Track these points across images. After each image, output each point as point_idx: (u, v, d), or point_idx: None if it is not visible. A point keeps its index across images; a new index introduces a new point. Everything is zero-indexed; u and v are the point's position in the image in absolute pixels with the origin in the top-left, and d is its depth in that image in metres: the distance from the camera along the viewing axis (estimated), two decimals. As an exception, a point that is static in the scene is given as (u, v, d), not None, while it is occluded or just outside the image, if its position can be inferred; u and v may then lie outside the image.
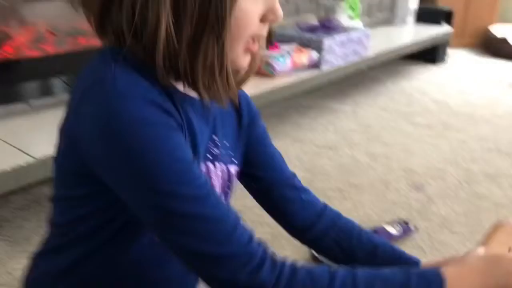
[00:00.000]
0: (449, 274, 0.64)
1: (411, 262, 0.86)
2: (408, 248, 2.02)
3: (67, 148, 0.68)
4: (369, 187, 2.47)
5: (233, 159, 0.80)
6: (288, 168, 0.91)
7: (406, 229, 2.06)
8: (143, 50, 0.63)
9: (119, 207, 0.66)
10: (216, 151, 0.75)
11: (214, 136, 0.75)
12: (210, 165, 0.75)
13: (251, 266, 0.60)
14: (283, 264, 0.62)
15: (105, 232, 0.70)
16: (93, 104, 0.61)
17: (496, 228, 1.13)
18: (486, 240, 1.07)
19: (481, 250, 0.74)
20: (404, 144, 2.94)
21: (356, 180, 2.53)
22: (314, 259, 1.92)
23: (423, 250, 2.02)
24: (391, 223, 2.09)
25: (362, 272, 0.63)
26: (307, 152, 2.80)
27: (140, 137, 0.59)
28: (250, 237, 0.63)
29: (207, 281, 0.64)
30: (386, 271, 0.64)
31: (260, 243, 0.64)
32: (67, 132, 0.67)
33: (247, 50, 0.68)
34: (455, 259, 0.84)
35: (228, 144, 0.78)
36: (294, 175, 0.91)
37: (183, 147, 0.63)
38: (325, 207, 0.91)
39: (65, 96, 2.24)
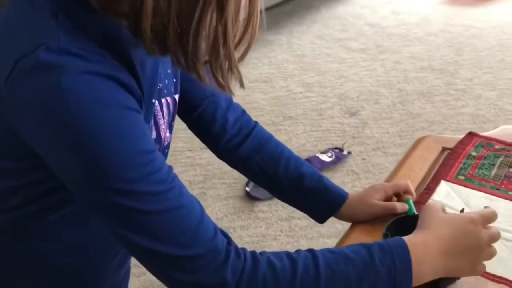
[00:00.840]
0: (414, 241, 0.60)
1: (338, 195, 0.81)
2: (342, 173, 2.00)
3: None
4: (303, 117, 2.41)
5: (178, 86, 0.72)
6: None
7: (339, 155, 2.03)
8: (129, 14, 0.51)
9: (51, 183, 0.57)
10: (161, 85, 0.66)
11: (160, 70, 0.65)
12: (162, 101, 0.66)
13: (216, 263, 0.54)
14: (245, 256, 0.56)
15: (33, 206, 0.61)
16: (34, 81, 0.48)
17: (417, 143, 1.10)
18: (406, 155, 1.04)
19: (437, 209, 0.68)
20: (339, 71, 2.88)
21: (290, 111, 2.46)
22: (249, 196, 1.88)
23: (357, 174, 2.00)
24: (324, 151, 2.06)
25: (322, 252, 0.58)
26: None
27: (94, 121, 0.49)
28: (215, 230, 0.56)
29: (166, 283, 0.57)
30: (348, 249, 0.59)
31: (223, 232, 0.57)
32: None
33: None
34: (375, 187, 0.81)
35: (169, 71, 0.69)
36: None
37: (144, 134, 0.53)
38: (254, 128, 0.84)
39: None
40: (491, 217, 0.65)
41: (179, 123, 0.84)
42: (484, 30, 3.37)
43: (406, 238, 0.61)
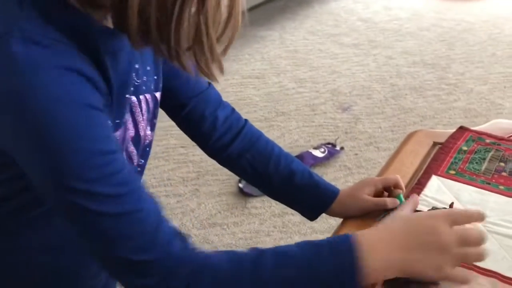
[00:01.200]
0: (363, 236, 0.59)
1: (329, 192, 0.81)
2: (334, 168, 2.01)
3: None
4: (296, 113, 2.41)
5: (159, 84, 0.71)
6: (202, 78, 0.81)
7: (332, 150, 2.03)
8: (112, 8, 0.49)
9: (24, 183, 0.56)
10: (139, 81, 0.64)
11: (137, 66, 0.64)
12: (140, 98, 0.65)
13: (169, 269, 0.54)
14: (197, 260, 0.56)
15: (15, 201, 0.60)
16: None
17: (408, 137, 1.10)
18: (397, 150, 1.04)
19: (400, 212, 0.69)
20: (331, 66, 2.88)
21: (283, 107, 2.46)
22: (242, 192, 1.88)
23: (349, 169, 2.01)
24: (317, 147, 2.06)
25: (268, 252, 0.58)
26: (233, 83, 2.69)
27: (53, 119, 0.48)
28: (174, 234, 0.56)
29: (124, 286, 0.57)
30: (295, 247, 0.58)
31: (183, 236, 0.57)
32: None
33: None
34: (365, 181, 0.81)
35: (149, 68, 0.68)
36: (208, 85, 0.81)
37: (106, 134, 0.53)
38: (244, 126, 0.84)
39: None
40: (458, 217, 0.60)
41: (171, 120, 0.84)
42: (475, 25, 3.38)
43: (357, 232, 0.59)
